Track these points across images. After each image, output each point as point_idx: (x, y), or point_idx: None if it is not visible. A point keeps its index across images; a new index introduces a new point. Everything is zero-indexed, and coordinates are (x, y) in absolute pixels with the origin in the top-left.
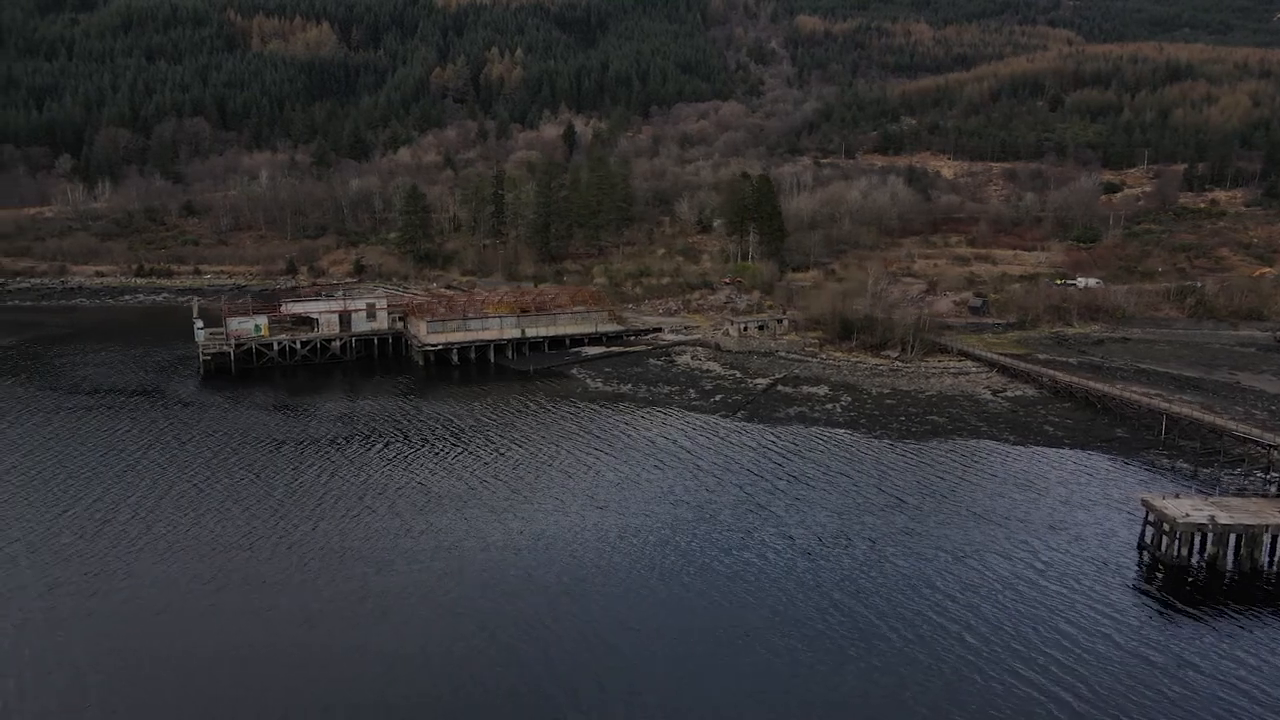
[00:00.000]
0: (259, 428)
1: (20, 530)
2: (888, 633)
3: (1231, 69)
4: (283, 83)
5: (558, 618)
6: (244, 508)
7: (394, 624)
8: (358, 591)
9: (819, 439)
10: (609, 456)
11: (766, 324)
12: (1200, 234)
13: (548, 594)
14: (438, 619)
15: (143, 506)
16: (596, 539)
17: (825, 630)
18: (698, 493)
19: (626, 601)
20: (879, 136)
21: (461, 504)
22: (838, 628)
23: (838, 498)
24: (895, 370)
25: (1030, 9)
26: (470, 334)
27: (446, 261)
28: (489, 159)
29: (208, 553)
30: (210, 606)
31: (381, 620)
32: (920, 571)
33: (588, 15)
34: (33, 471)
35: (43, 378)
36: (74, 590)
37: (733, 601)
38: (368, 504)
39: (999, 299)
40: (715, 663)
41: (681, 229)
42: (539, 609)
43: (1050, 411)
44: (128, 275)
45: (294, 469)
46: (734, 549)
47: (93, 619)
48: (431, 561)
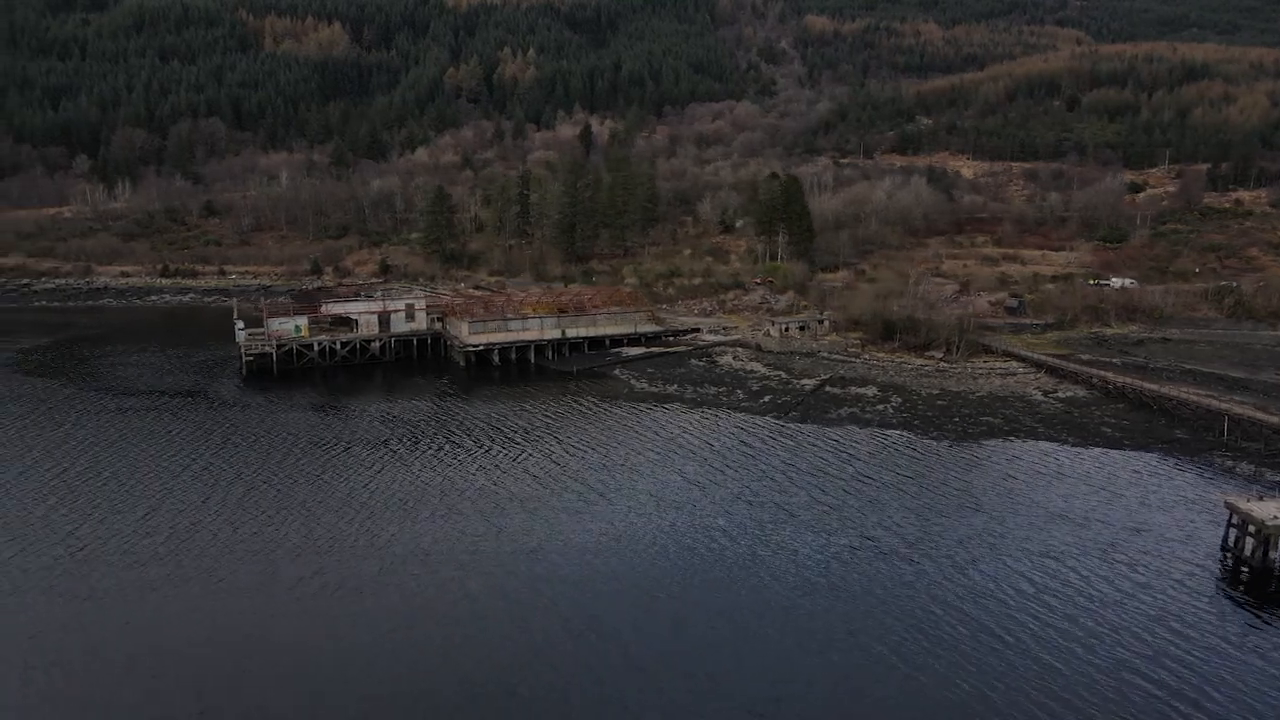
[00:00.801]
0: (316, 429)
1: (108, 531)
2: (1001, 634)
3: (1247, 69)
4: (297, 83)
5: (656, 618)
6: (325, 510)
7: (490, 625)
8: (451, 593)
9: (878, 440)
10: (672, 457)
11: (807, 324)
12: (1228, 234)
13: (640, 595)
14: (531, 620)
15: (225, 508)
16: (679, 540)
17: (936, 634)
18: (770, 494)
19: (724, 601)
20: (896, 136)
21: (535, 505)
22: (945, 630)
23: (910, 499)
24: (941, 371)
25: (1038, 9)
26: (511, 334)
27: (472, 262)
28: (506, 159)
29: (300, 555)
30: (314, 608)
31: (477, 621)
32: (1013, 574)
33: (598, 15)
34: (106, 474)
35: (89, 379)
36: (178, 592)
37: (830, 602)
38: (447, 505)
39: (1034, 299)
40: (823, 666)
41: (705, 229)
42: (634, 610)
43: (1105, 412)
44: (152, 275)
45: (364, 470)
46: (821, 550)
47: (201, 620)
48: (517, 564)
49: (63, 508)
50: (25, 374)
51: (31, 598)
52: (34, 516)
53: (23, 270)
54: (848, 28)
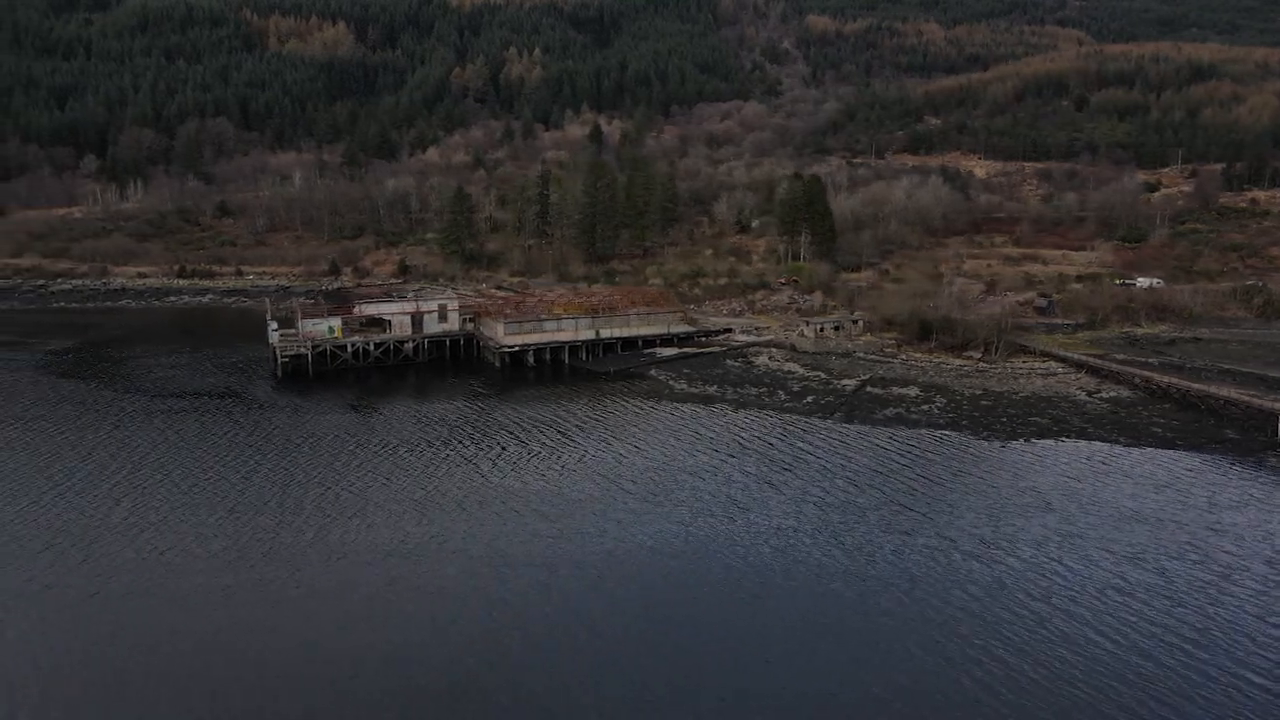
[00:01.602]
0: (366, 431)
1: (188, 534)
2: (1109, 635)
3: (1253, 69)
4: (303, 83)
5: (745, 619)
6: (394, 512)
7: (584, 625)
8: (537, 595)
9: (930, 441)
10: (728, 457)
11: (842, 325)
12: (1248, 234)
13: (724, 596)
14: (621, 622)
15: (298, 511)
16: (754, 541)
17: (1039, 635)
18: (836, 494)
19: (809, 604)
20: (907, 136)
21: (602, 507)
22: (1049, 632)
23: (978, 499)
24: (981, 371)
25: (1038, 8)
26: (546, 335)
27: (491, 262)
28: (518, 159)
29: (381, 559)
30: (403, 611)
31: (570, 623)
32: (1101, 575)
33: (601, 15)
34: (175, 476)
35: (127, 381)
36: (260, 596)
37: (921, 605)
38: (513, 506)
39: (1063, 299)
40: (932, 670)
41: (721, 229)
42: (724, 612)
43: (1152, 412)
44: (169, 276)
45: (426, 472)
46: (900, 551)
47: (286, 626)
48: (597, 566)
49: (140, 511)
50: (62, 376)
51: (129, 602)
52: (113, 520)
53: (38, 271)
54: (849, 28)
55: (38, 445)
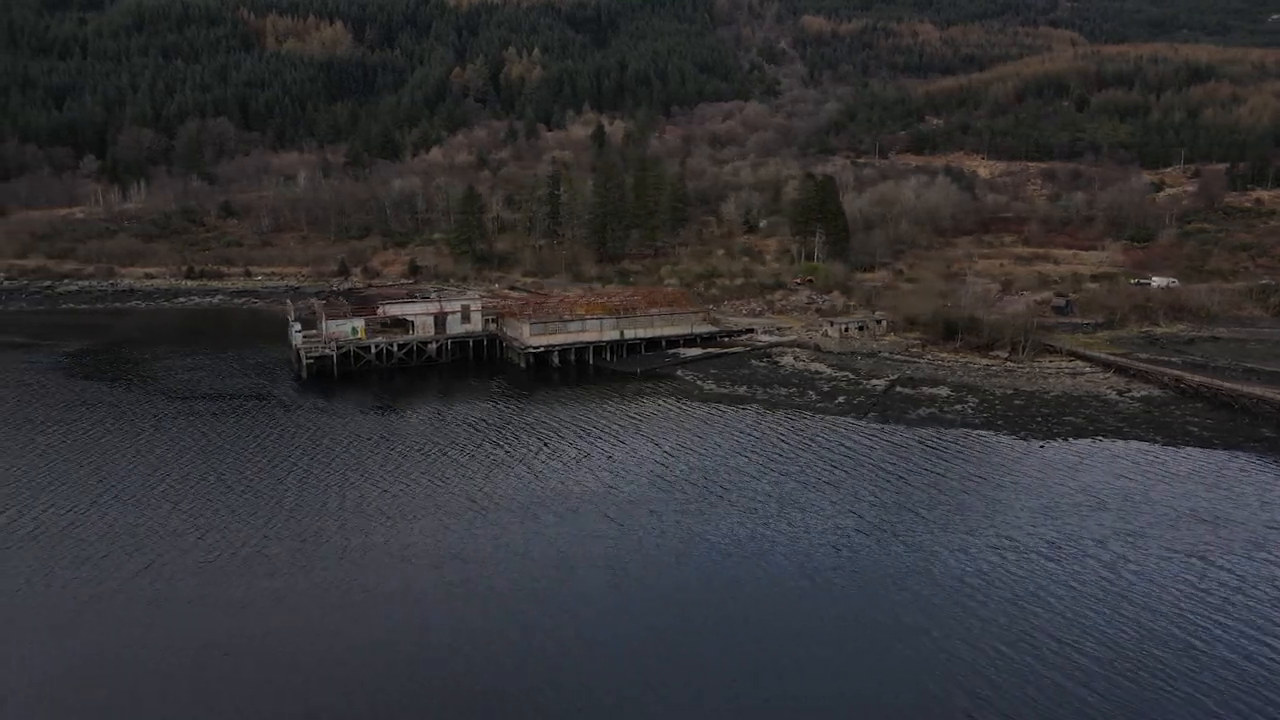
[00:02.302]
0: (404, 433)
1: (238, 540)
2: (1189, 637)
3: (1250, 70)
4: (303, 82)
5: (818, 619)
6: (449, 514)
7: (658, 629)
8: (603, 597)
9: (970, 440)
10: (772, 457)
11: (866, 325)
12: (1255, 233)
13: (793, 596)
14: (704, 624)
15: (342, 514)
16: (815, 541)
17: (1121, 636)
18: (888, 494)
19: (878, 603)
20: (910, 136)
21: (657, 507)
22: (1129, 631)
23: (1031, 499)
24: (1009, 371)
25: (1030, 9)
26: (571, 335)
27: (502, 262)
28: (521, 159)
29: (444, 562)
30: (475, 612)
31: (646, 626)
32: (1169, 574)
33: (598, 14)
34: (230, 478)
35: (152, 383)
36: (318, 601)
37: (999, 604)
38: (568, 507)
39: (1080, 299)
40: (1019, 669)
41: (729, 229)
42: (797, 613)
43: (1185, 412)
44: (177, 277)
45: (481, 475)
46: (965, 551)
47: (376, 628)
48: (664, 567)
49: (198, 514)
50: (87, 378)
51: (195, 608)
52: (173, 524)
53: (44, 272)
54: (845, 28)
55: (85, 447)
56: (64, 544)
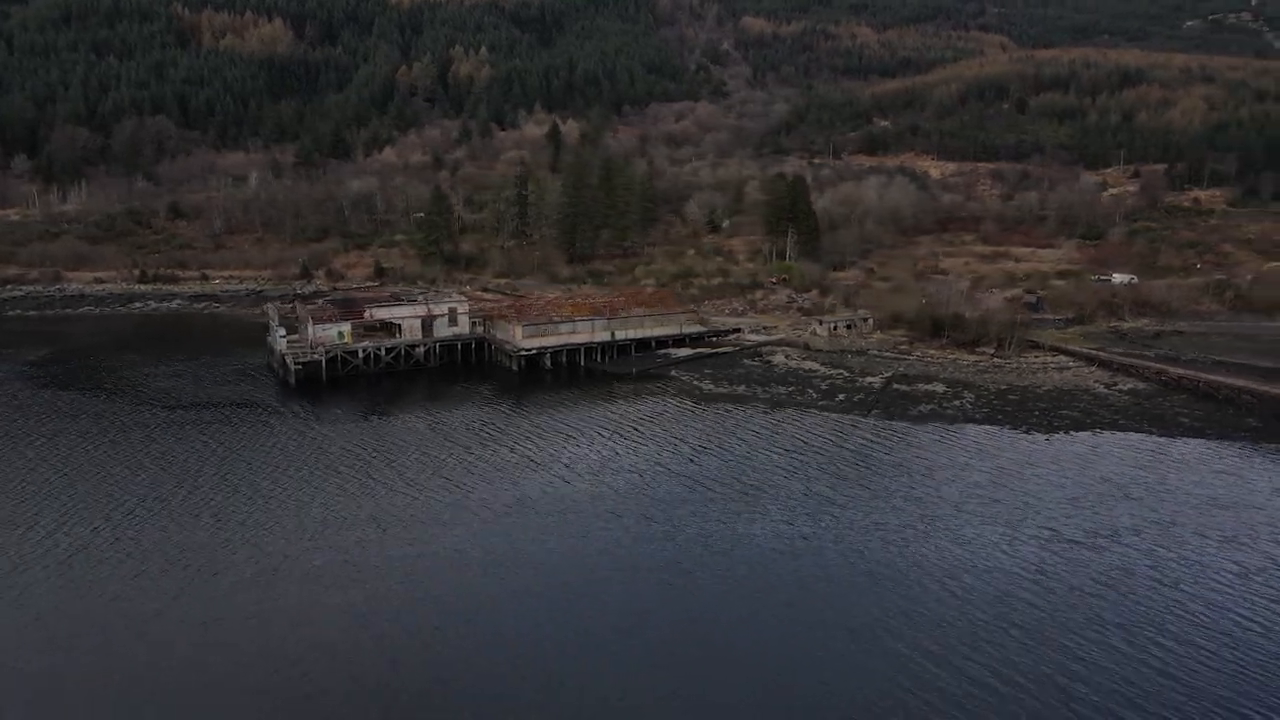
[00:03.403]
0: (422, 439)
1: (298, 550)
2: (1246, 624)
3: (1177, 74)
4: (244, 80)
5: (888, 614)
6: (502, 518)
7: (722, 632)
8: (671, 600)
9: (980, 435)
10: (795, 456)
11: (854, 323)
12: (1198, 231)
13: (860, 593)
14: (764, 625)
15: (405, 524)
16: (867, 539)
17: (1188, 625)
18: (920, 490)
19: (948, 602)
20: (862, 137)
21: (700, 507)
22: (1195, 622)
23: (1057, 491)
24: (997, 367)
25: (960, 14)
26: (562, 337)
27: (470, 263)
28: (477, 160)
29: (501, 566)
30: (559, 616)
31: (705, 631)
32: (1212, 560)
33: (542, 14)
34: (244, 490)
35: (132, 392)
36: (397, 611)
37: (1059, 594)
38: (610, 509)
39: (1048, 295)
40: (1091, 658)
41: (694, 229)
42: (868, 611)
43: (1172, 404)
44: (129, 281)
45: (510, 479)
46: (1013, 542)
47: (439, 640)
48: (723, 569)
49: (225, 528)
50: (58, 388)
51: (250, 624)
52: (194, 542)
53: None
54: (785, 29)
55: (79, 460)
56: (100, 562)
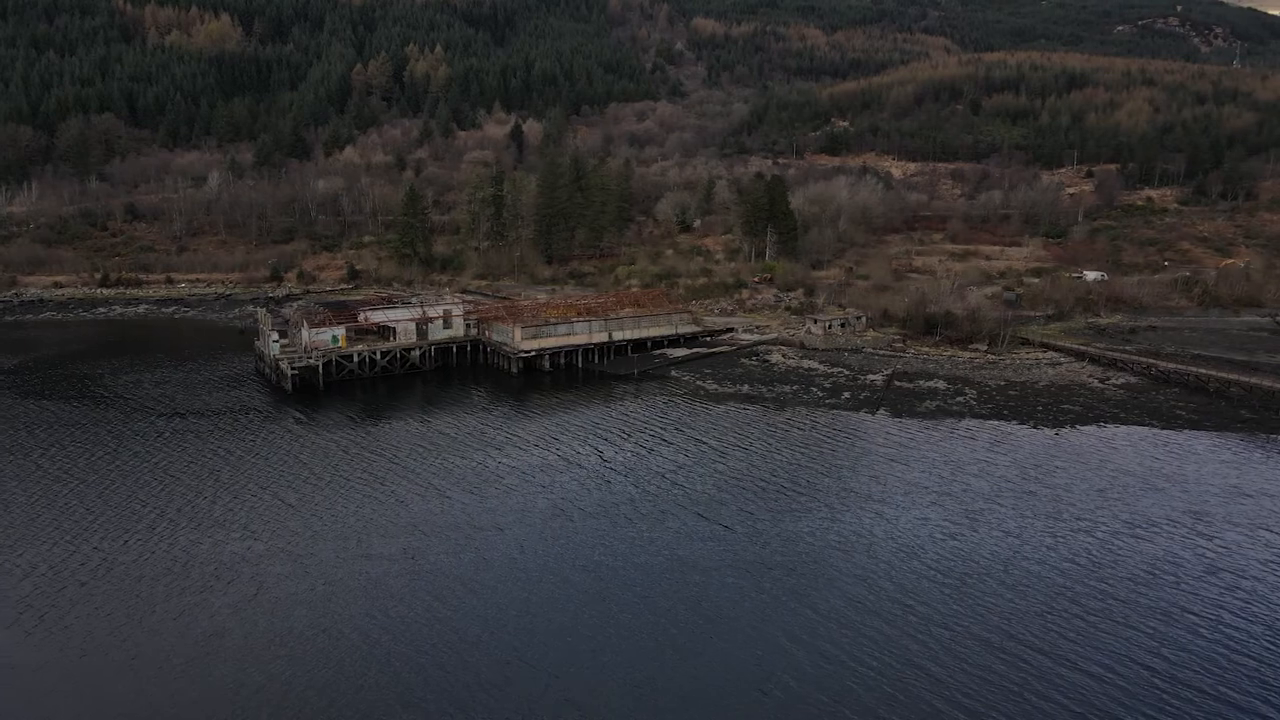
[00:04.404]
0: (445, 444)
1: (331, 564)
2: None
3: (1120, 77)
4: (194, 77)
5: (966, 608)
6: (565, 521)
7: (803, 640)
8: (747, 602)
9: (992, 431)
10: (822, 456)
11: (848, 321)
12: (1156, 229)
13: (944, 589)
14: (835, 625)
15: (457, 531)
16: (931, 533)
17: (1247, 614)
18: (948, 483)
19: (1036, 585)
20: (823, 137)
21: (749, 505)
22: (1247, 610)
23: (1084, 484)
24: (991, 363)
25: (904, 17)
26: (561, 339)
27: (445, 265)
28: (440, 160)
29: (578, 572)
30: (654, 621)
31: (790, 638)
32: (1249, 548)
33: (495, 12)
34: (261, 500)
35: (121, 401)
36: (464, 626)
37: (1114, 584)
38: (663, 508)
39: (1024, 292)
40: (1165, 647)
41: (666, 229)
42: (929, 608)
43: (1166, 397)
44: (90, 286)
45: (550, 483)
46: (1062, 535)
47: (502, 655)
48: (791, 563)
49: (256, 539)
50: (44, 398)
51: (316, 639)
52: (251, 554)
53: None
54: (737, 30)
55: (95, 471)
56: (138, 578)
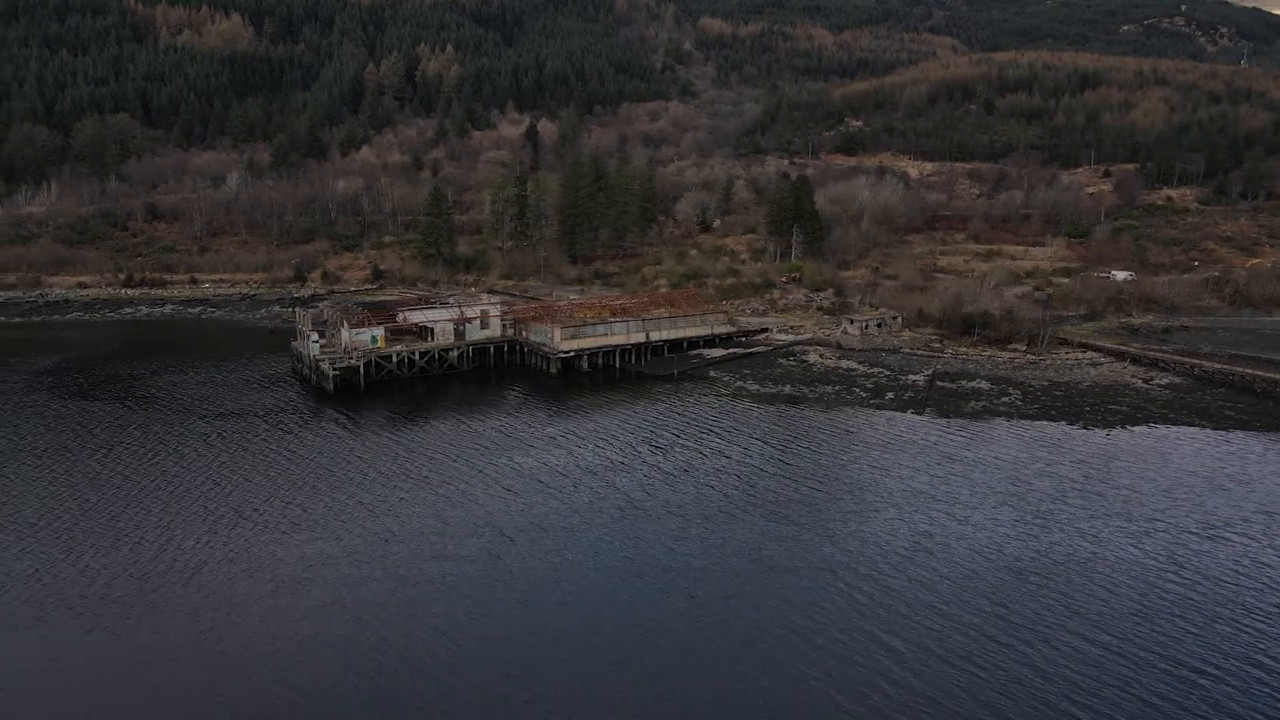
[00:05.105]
0: (497, 446)
1: (423, 553)
2: None
3: (1132, 76)
4: (207, 77)
5: (1057, 599)
6: (661, 522)
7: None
8: (853, 602)
9: (1043, 431)
10: (875, 455)
11: (884, 322)
12: (1179, 229)
13: (1029, 592)
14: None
15: (541, 533)
16: (1017, 533)
17: None
18: (1012, 484)
19: (1122, 584)
20: (838, 137)
21: (815, 506)
22: None
23: (1149, 485)
24: (1032, 363)
25: (909, 17)
26: (599, 339)
27: (469, 265)
28: (456, 160)
29: (646, 572)
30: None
31: (886, 639)
32: None
33: (503, 12)
34: (338, 502)
35: (165, 401)
36: (549, 633)
37: (1208, 582)
38: (729, 510)
39: (1055, 292)
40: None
41: (686, 229)
42: (1040, 608)
43: (1213, 398)
44: (114, 286)
45: (632, 483)
46: (1132, 534)
47: (585, 655)
48: (870, 564)
49: (338, 540)
50: (85, 398)
51: (443, 638)
52: (308, 553)
53: None
54: (744, 30)
55: (148, 474)
56: (230, 578)
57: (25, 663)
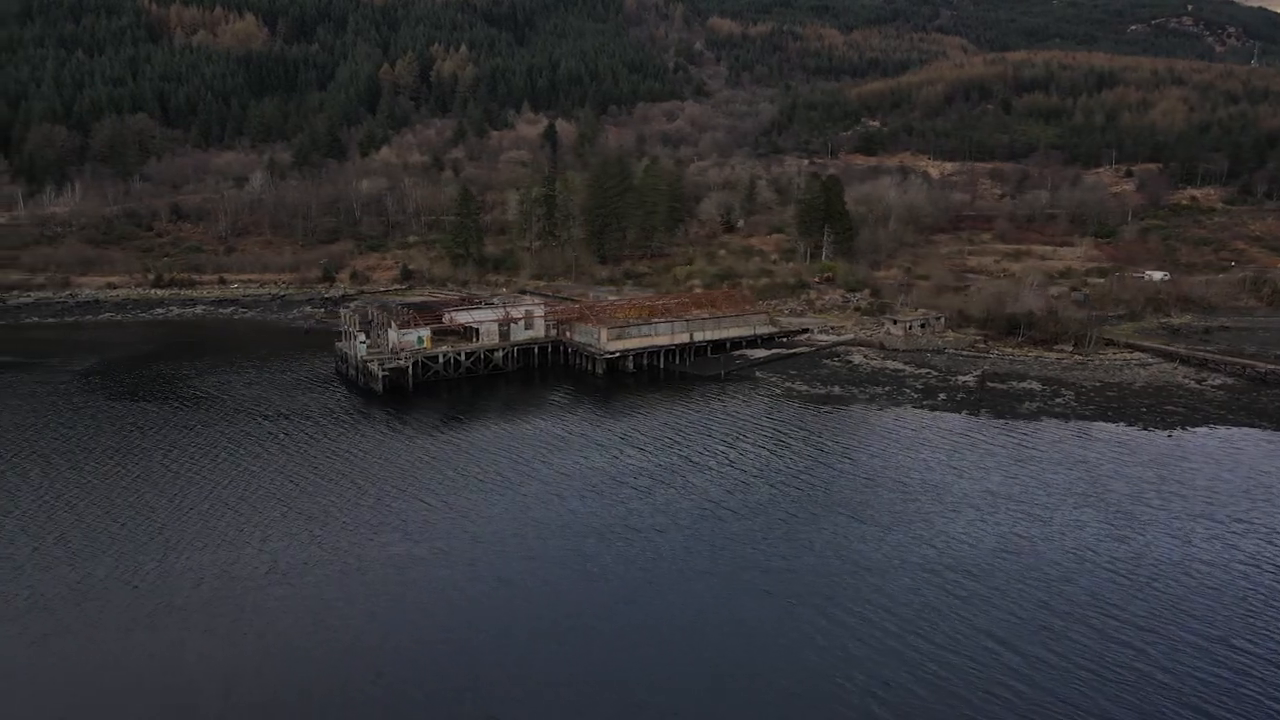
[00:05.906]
0: (558, 447)
1: (511, 553)
2: None
3: (1149, 76)
4: (224, 77)
5: (1133, 593)
6: (744, 519)
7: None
8: (933, 600)
9: (1104, 432)
10: (941, 456)
11: (928, 322)
12: (1207, 229)
13: (1129, 590)
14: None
15: (599, 536)
16: (1104, 534)
17: None
18: (1087, 484)
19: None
20: (856, 136)
21: (892, 507)
22: None
23: (1225, 485)
24: (1080, 364)
25: (917, 17)
26: (644, 340)
27: (498, 265)
28: (476, 160)
29: (739, 575)
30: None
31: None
32: None
33: (514, 12)
34: (413, 505)
35: (213, 402)
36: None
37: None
38: (809, 511)
39: (1092, 292)
40: None
41: (711, 229)
42: (1149, 609)
43: (1270, 398)
44: (143, 286)
45: (684, 488)
46: (1223, 537)
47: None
48: (966, 569)
49: (420, 541)
50: (130, 399)
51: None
52: (393, 554)
53: None
54: (755, 30)
55: (218, 475)
56: (326, 580)
57: (144, 664)
